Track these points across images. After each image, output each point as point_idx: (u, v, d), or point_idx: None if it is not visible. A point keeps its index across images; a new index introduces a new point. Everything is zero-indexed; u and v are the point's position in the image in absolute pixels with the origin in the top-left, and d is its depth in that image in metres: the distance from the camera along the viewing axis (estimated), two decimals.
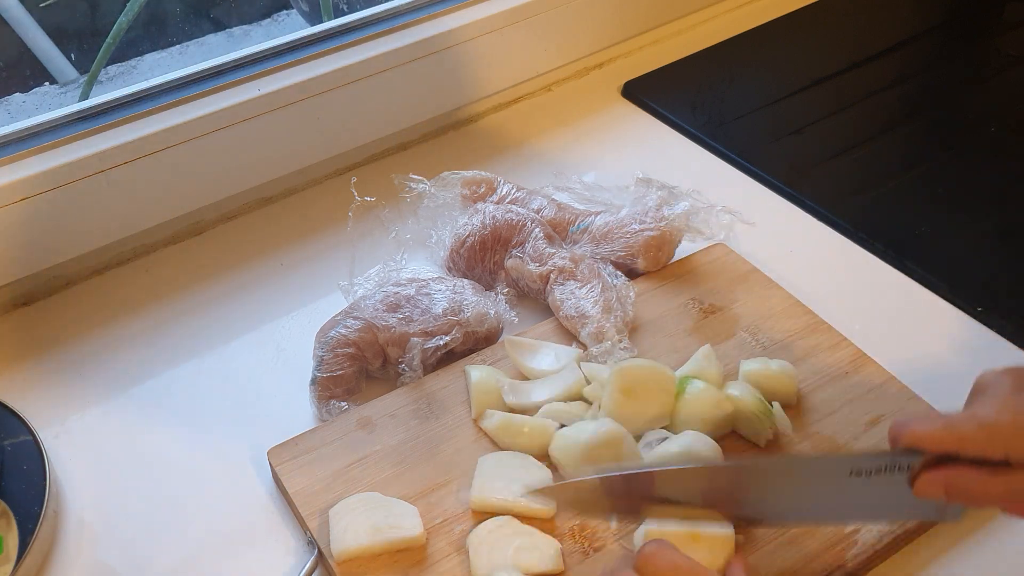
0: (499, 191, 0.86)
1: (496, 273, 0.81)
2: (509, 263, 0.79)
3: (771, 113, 1.04)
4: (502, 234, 0.80)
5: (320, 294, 0.82)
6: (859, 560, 0.61)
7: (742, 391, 0.67)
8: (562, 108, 1.05)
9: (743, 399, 0.67)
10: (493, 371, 0.71)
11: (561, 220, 0.84)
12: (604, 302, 0.74)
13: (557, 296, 0.76)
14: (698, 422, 0.66)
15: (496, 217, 0.81)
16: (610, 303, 0.74)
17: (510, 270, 0.80)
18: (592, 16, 1.05)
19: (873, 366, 0.73)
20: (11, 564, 0.60)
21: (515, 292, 0.80)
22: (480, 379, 0.69)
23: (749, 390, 0.67)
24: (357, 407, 0.70)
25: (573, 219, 0.84)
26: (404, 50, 0.92)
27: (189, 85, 0.86)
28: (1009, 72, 1.10)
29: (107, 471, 0.69)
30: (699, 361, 0.70)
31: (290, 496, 0.64)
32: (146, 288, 0.84)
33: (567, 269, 0.77)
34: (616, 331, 0.73)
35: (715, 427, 0.66)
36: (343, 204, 0.85)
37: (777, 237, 0.87)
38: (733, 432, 0.68)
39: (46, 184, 0.78)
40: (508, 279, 0.80)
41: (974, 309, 0.80)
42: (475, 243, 0.80)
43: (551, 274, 0.78)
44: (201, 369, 0.77)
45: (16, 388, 0.75)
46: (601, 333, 0.72)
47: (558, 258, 0.78)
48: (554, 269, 0.78)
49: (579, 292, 0.75)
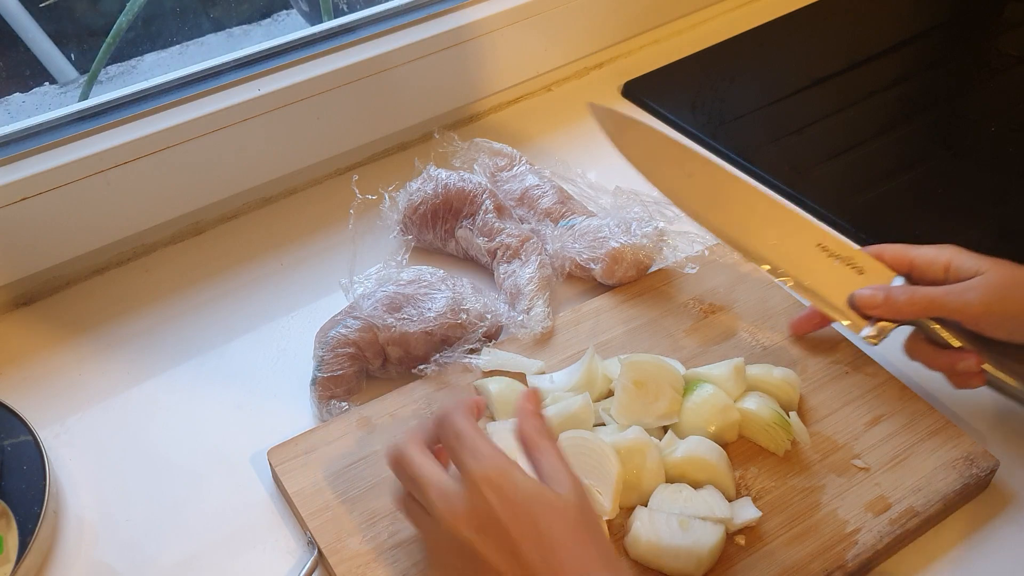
0: (516, 168, 0.90)
1: (447, 241, 0.84)
2: (459, 233, 0.82)
3: (771, 113, 1.04)
4: (453, 204, 0.82)
5: (320, 294, 0.82)
6: (859, 560, 0.61)
7: (758, 403, 0.67)
8: (562, 108, 1.05)
9: (759, 412, 0.66)
10: (510, 381, 0.70)
11: (557, 211, 0.85)
12: (540, 278, 0.77)
13: (501, 272, 0.80)
14: (702, 427, 0.66)
15: (448, 185, 0.83)
16: (547, 279, 0.78)
17: (460, 240, 0.83)
18: (592, 16, 1.05)
19: (873, 366, 0.73)
20: (11, 564, 0.60)
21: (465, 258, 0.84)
22: (500, 391, 0.69)
23: (766, 401, 0.67)
24: (357, 407, 0.70)
25: (569, 214, 0.84)
26: (404, 50, 0.92)
27: (189, 85, 0.86)
28: (1009, 72, 1.10)
29: (107, 471, 0.69)
30: (723, 369, 0.69)
31: (290, 496, 0.64)
32: (146, 288, 0.84)
33: (513, 247, 0.80)
34: (545, 305, 0.76)
35: (720, 433, 0.66)
36: (343, 204, 0.85)
37: None
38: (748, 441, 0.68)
39: (46, 184, 0.78)
40: (458, 247, 0.83)
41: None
42: (427, 210, 0.83)
43: (498, 250, 0.80)
44: (201, 369, 0.77)
45: (16, 388, 0.75)
46: (530, 309, 0.75)
47: (506, 235, 0.80)
48: (501, 246, 0.80)
49: (520, 271, 0.78)
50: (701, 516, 0.60)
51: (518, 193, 0.87)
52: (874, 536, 0.62)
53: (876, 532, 0.62)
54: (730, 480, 0.64)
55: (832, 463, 0.66)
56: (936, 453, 0.67)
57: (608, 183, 0.89)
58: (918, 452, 0.67)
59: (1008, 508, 0.66)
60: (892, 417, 0.69)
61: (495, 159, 0.91)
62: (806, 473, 0.66)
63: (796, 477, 0.65)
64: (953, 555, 0.64)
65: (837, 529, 0.62)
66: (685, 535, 0.59)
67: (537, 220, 0.85)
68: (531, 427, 0.55)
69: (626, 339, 0.75)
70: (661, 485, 0.63)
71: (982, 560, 0.63)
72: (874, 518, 0.63)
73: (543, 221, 0.84)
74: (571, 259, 0.80)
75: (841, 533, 0.62)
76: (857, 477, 0.65)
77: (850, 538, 0.62)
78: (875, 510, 0.63)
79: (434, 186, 0.83)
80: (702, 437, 0.65)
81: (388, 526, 0.62)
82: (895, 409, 0.70)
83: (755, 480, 0.65)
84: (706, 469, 0.63)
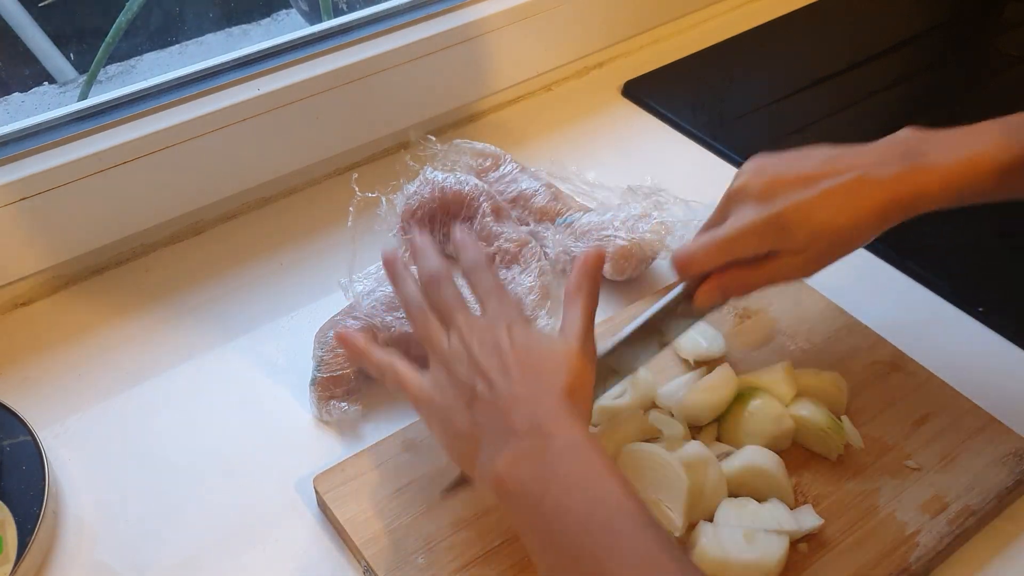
0: (502, 168, 0.88)
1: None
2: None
3: (771, 113, 1.04)
4: (450, 207, 0.82)
5: (320, 294, 0.82)
6: (922, 562, 0.61)
7: (811, 410, 0.66)
8: (562, 108, 1.05)
9: (813, 418, 0.66)
10: None
11: (552, 209, 0.84)
12: (540, 287, 0.76)
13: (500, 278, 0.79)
14: (758, 436, 0.65)
15: (445, 188, 0.82)
16: (547, 288, 0.77)
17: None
18: (592, 16, 1.05)
19: (913, 364, 0.72)
20: (10, 564, 0.60)
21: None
22: None
23: (817, 406, 0.67)
24: (400, 429, 0.69)
25: (565, 210, 0.84)
26: (403, 50, 0.92)
27: (189, 85, 0.86)
28: (1009, 72, 1.10)
29: (107, 471, 0.69)
30: (774, 375, 0.69)
31: (341, 524, 0.63)
32: (146, 288, 0.84)
33: (511, 252, 0.79)
34: (547, 316, 0.76)
35: (775, 441, 0.66)
36: (343, 204, 0.85)
37: None
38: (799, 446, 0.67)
39: (45, 184, 0.78)
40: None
41: (974, 309, 0.80)
42: (424, 214, 0.82)
43: (496, 255, 0.80)
44: (201, 369, 0.77)
45: (16, 388, 0.75)
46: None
47: (504, 240, 0.79)
48: (498, 251, 0.79)
49: (519, 278, 0.77)
50: (768, 529, 0.59)
51: (512, 195, 0.86)
52: (934, 537, 0.62)
53: (936, 533, 0.62)
54: (789, 488, 0.63)
55: (885, 464, 0.66)
56: (985, 450, 0.66)
57: (608, 182, 0.89)
58: (967, 450, 0.66)
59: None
60: (938, 415, 0.69)
61: (479, 160, 0.89)
62: (860, 476, 0.65)
63: (851, 481, 0.65)
64: (1012, 551, 0.64)
65: (897, 532, 0.62)
66: (752, 548, 0.58)
67: (534, 220, 0.85)
68: (577, 280, 0.59)
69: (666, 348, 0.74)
70: (725, 500, 0.62)
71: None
72: (932, 519, 0.62)
73: (541, 221, 0.84)
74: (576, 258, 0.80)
75: (902, 536, 0.62)
76: (911, 478, 0.65)
77: (911, 540, 0.61)
78: (932, 511, 0.63)
79: (431, 189, 0.82)
80: (758, 447, 0.64)
81: (447, 550, 0.61)
82: (940, 407, 0.69)
83: (811, 486, 0.65)
84: (765, 478, 0.63)
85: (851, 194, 0.60)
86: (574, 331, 0.57)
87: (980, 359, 0.76)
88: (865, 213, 0.60)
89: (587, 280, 0.59)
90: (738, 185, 0.64)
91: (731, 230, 0.62)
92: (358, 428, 0.72)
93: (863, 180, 0.60)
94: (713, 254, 0.62)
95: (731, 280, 0.63)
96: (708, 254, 0.63)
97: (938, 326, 0.79)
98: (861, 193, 0.60)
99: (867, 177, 0.60)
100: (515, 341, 0.56)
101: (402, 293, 0.62)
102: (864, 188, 0.60)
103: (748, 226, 0.61)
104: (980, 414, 0.69)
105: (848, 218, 0.60)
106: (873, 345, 0.74)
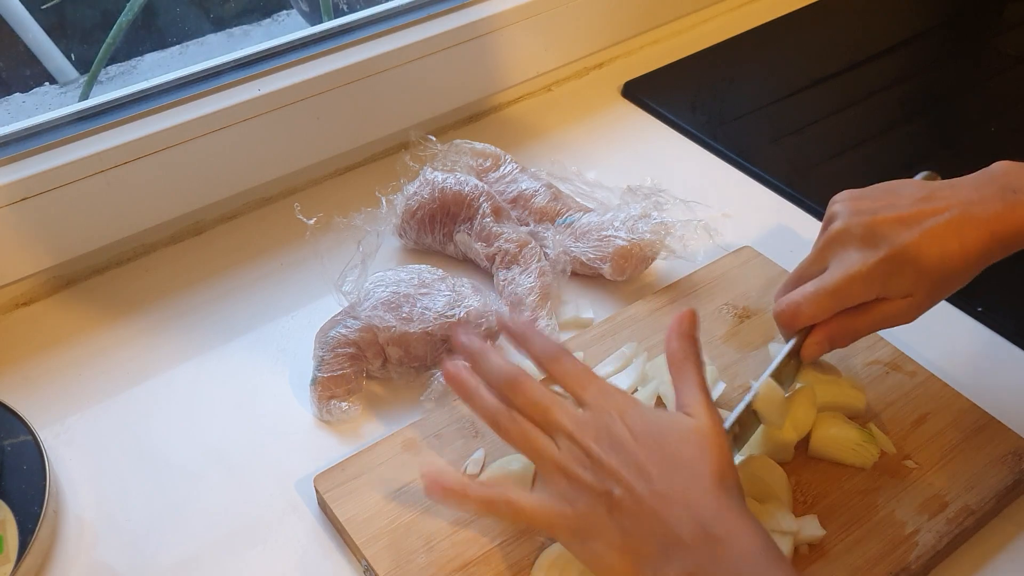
0: (502, 168, 0.88)
1: (446, 244, 0.83)
2: (458, 237, 0.82)
3: (771, 113, 1.04)
4: (450, 208, 0.82)
5: (320, 294, 0.82)
6: (922, 561, 0.61)
7: (839, 428, 0.66)
8: (562, 108, 1.05)
9: (845, 435, 0.65)
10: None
11: (552, 209, 0.84)
12: (540, 287, 0.76)
13: (500, 279, 0.79)
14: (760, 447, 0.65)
15: (445, 189, 0.82)
16: (547, 288, 0.76)
17: (458, 243, 0.82)
18: (592, 16, 1.05)
19: (912, 364, 0.73)
20: (11, 564, 0.60)
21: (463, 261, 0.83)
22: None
23: (847, 423, 0.66)
24: (400, 429, 0.69)
25: (565, 211, 0.84)
26: (403, 50, 0.92)
27: (189, 85, 0.86)
28: (1009, 72, 1.10)
29: (107, 471, 0.69)
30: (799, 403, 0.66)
31: (342, 524, 0.63)
32: (146, 288, 0.84)
33: (512, 253, 0.79)
34: (547, 317, 0.75)
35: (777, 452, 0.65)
36: (343, 204, 0.85)
37: (777, 237, 0.87)
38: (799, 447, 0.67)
39: (46, 184, 0.78)
40: (457, 250, 0.83)
41: (974, 309, 0.80)
42: (424, 215, 0.82)
43: (496, 255, 0.79)
44: (201, 369, 0.77)
45: (16, 388, 0.75)
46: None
47: (504, 240, 0.79)
48: (499, 252, 0.79)
49: (519, 278, 0.77)
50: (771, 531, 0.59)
51: (512, 195, 0.86)
52: (934, 536, 0.62)
53: (935, 532, 0.62)
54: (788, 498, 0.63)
55: (884, 464, 0.66)
56: (984, 449, 0.66)
57: (608, 182, 0.89)
58: (966, 449, 0.66)
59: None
60: (937, 415, 0.69)
61: (479, 160, 0.89)
62: (860, 476, 0.65)
63: (850, 480, 0.65)
64: (1010, 551, 0.64)
65: (896, 531, 0.62)
66: None
67: (534, 221, 0.85)
68: (679, 348, 0.56)
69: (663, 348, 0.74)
70: None
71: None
72: (931, 518, 0.63)
73: (541, 221, 0.84)
74: (576, 259, 0.80)
75: (901, 535, 0.62)
76: (910, 478, 0.65)
77: (910, 539, 0.62)
78: (931, 510, 0.63)
79: (430, 190, 0.82)
80: (760, 455, 0.64)
81: (448, 549, 0.61)
82: (939, 407, 0.69)
83: (810, 486, 0.65)
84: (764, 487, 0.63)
85: (954, 233, 0.58)
86: (697, 405, 0.53)
87: (979, 359, 0.76)
88: (969, 252, 0.59)
89: (689, 343, 0.56)
90: (838, 229, 0.61)
91: (839, 279, 0.60)
92: (358, 428, 0.72)
93: (965, 218, 0.58)
94: (825, 305, 0.60)
95: (838, 329, 0.61)
96: (818, 306, 0.60)
97: (937, 326, 0.79)
98: (963, 232, 0.58)
99: (968, 215, 0.59)
100: (634, 430, 0.51)
101: (482, 407, 0.56)
102: (966, 227, 0.58)
103: (855, 273, 0.59)
104: (979, 414, 0.69)
105: (954, 258, 0.59)
106: (872, 345, 0.74)
